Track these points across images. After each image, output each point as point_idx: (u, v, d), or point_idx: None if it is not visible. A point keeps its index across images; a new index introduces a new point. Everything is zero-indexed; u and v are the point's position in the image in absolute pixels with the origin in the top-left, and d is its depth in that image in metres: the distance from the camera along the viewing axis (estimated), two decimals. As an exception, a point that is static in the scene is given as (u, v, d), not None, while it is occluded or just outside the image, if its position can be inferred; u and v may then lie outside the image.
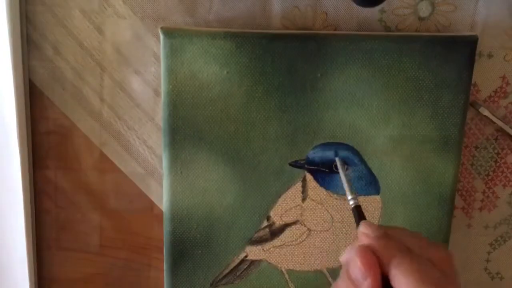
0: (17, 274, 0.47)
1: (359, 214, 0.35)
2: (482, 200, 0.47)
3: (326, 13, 0.43)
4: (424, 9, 0.43)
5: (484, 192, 0.47)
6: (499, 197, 0.47)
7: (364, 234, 0.31)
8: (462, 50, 0.42)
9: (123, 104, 0.45)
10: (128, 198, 0.47)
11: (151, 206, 0.47)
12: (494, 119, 0.45)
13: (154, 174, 0.46)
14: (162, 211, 0.47)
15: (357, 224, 0.34)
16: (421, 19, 0.43)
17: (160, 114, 0.45)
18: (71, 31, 0.43)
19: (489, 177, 0.47)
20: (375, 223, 0.32)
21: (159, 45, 0.41)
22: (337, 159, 0.42)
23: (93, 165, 0.46)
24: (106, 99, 0.45)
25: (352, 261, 0.30)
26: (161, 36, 0.41)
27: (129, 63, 0.44)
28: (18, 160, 0.44)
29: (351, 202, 0.36)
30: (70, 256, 0.48)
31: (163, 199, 0.44)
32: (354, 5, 0.40)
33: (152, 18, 0.43)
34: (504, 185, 0.47)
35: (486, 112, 0.45)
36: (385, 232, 0.31)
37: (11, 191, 0.45)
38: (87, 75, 0.44)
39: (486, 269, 0.49)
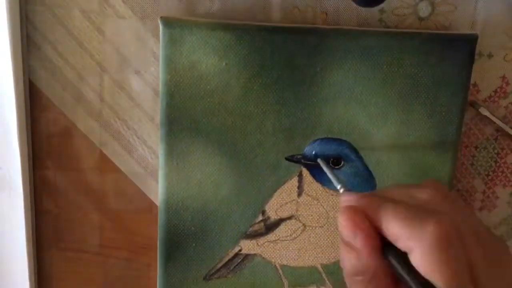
0: (17, 274, 0.47)
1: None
2: (482, 200, 0.47)
3: (326, 13, 0.43)
4: (424, 9, 0.43)
5: (484, 192, 0.47)
6: (499, 197, 0.47)
7: (346, 200, 0.31)
8: (462, 48, 0.42)
9: (123, 104, 0.45)
10: (128, 198, 0.47)
11: (151, 206, 0.47)
12: (494, 119, 0.45)
13: (154, 174, 0.46)
14: (162, 211, 0.47)
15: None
16: (421, 19, 0.43)
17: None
18: (71, 31, 0.43)
19: (489, 177, 0.47)
20: None
21: (159, 45, 0.41)
22: (319, 160, 0.42)
23: (93, 165, 0.46)
24: (106, 99, 0.45)
25: (339, 224, 0.29)
26: (161, 26, 0.40)
27: (129, 63, 0.44)
28: (18, 160, 0.44)
29: (341, 190, 0.35)
30: (70, 256, 0.48)
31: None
32: (354, 5, 0.40)
33: (152, 18, 0.43)
34: (504, 185, 0.47)
35: (486, 112, 0.44)
36: (366, 193, 0.31)
37: (11, 191, 0.45)
38: (87, 75, 0.44)
39: (486, 269, 0.49)
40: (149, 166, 0.46)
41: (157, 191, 0.47)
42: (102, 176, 0.46)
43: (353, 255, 0.29)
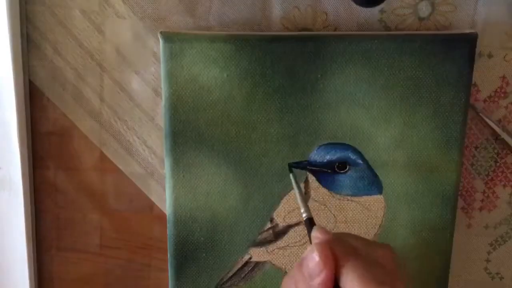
0: (17, 274, 0.47)
1: (311, 225, 0.36)
2: (482, 200, 0.47)
3: (326, 13, 0.43)
4: (424, 9, 0.43)
5: (484, 192, 0.47)
6: (499, 197, 0.47)
7: (318, 237, 0.33)
8: (462, 47, 0.42)
9: (123, 104, 0.45)
10: (128, 198, 0.47)
11: (151, 206, 0.47)
12: (491, 124, 0.45)
13: (154, 174, 0.46)
14: (162, 211, 0.47)
15: (309, 234, 0.35)
16: (421, 19, 0.43)
17: (160, 114, 0.45)
18: (71, 31, 0.43)
19: (489, 177, 0.47)
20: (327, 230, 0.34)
21: (159, 45, 0.41)
22: (291, 175, 0.42)
23: (93, 165, 0.46)
24: (106, 99, 0.45)
25: (309, 255, 0.31)
26: (161, 41, 0.41)
27: (129, 63, 0.44)
28: (18, 160, 0.44)
29: (304, 215, 0.37)
30: (70, 256, 0.48)
31: (164, 200, 0.44)
32: (354, 5, 0.40)
33: (152, 18, 0.43)
34: (504, 185, 0.47)
35: (483, 116, 0.45)
36: (337, 235, 0.33)
37: (11, 191, 0.45)
38: (87, 75, 0.44)
39: (486, 269, 0.49)
40: (149, 166, 0.46)
41: (157, 191, 0.47)
42: (102, 176, 0.47)
43: (305, 283, 0.32)
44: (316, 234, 0.33)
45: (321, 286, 0.31)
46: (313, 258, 0.31)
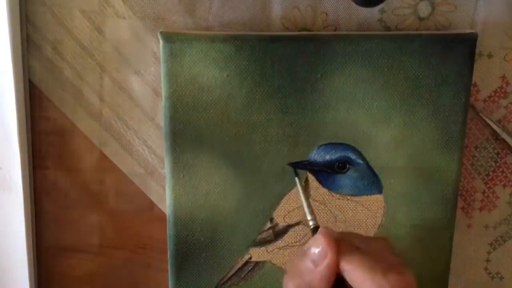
0: (17, 274, 0.47)
1: None
2: (482, 200, 0.47)
3: (326, 13, 0.43)
4: (424, 9, 0.43)
5: (484, 192, 0.47)
6: (499, 197, 0.47)
7: (328, 231, 0.34)
8: (462, 48, 0.42)
9: (123, 104, 0.45)
10: (128, 198, 0.47)
11: (151, 206, 0.47)
12: (491, 124, 0.45)
13: (154, 174, 0.46)
14: (162, 211, 0.47)
15: None
16: (421, 19, 0.43)
17: (160, 114, 0.45)
18: (71, 31, 0.43)
19: (489, 177, 0.47)
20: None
21: (159, 45, 0.41)
22: (296, 179, 0.42)
23: (93, 165, 0.46)
24: (106, 99, 0.45)
25: (315, 241, 0.32)
26: (161, 41, 0.41)
27: (129, 63, 0.44)
28: (18, 160, 0.44)
29: (311, 223, 0.37)
30: (70, 256, 0.48)
31: (164, 200, 0.44)
32: (354, 5, 0.40)
33: (152, 18, 0.43)
34: (504, 185, 0.47)
35: (483, 116, 0.45)
36: (339, 233, 0.34)
37: (11, 191, 0.45)
38: (87, 75, 0.44)
39: (486, 269, 0.49)
40: (149, 166, 0.46)
41: (157, 191, 0.47)
42: (102, 176, 0.47)
43: (310, 271, 0.32)
44: (321, 228, 0.34)
45: (326, 270, 0.32)
46: (318, 245, 0.32)
